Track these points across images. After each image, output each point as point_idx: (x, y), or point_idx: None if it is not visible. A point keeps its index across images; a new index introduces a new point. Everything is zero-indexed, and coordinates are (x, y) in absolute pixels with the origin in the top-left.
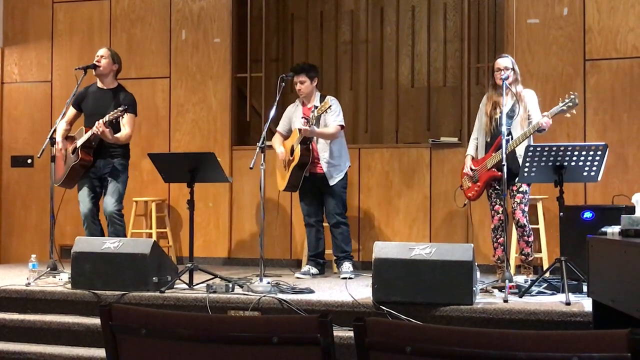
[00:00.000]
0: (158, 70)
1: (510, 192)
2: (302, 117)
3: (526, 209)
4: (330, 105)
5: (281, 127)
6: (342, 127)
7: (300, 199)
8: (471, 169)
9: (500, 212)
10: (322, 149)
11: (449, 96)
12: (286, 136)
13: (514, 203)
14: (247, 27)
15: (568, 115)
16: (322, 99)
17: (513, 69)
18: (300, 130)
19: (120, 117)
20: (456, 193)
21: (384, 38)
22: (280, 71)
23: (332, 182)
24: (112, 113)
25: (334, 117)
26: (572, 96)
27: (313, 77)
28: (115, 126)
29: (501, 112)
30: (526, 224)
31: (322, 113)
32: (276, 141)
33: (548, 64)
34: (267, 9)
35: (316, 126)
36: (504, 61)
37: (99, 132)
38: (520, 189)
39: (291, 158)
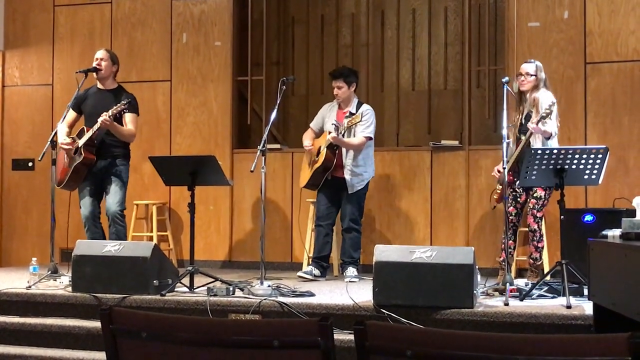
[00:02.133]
0: (159, 74)
1: (526, 197)
2: (332, 123)
3: (539, 214)
4: (360, 120)
5: (314, 125)
6: (369, 138)
7: (317, 199)
8: (498, 172)
9: (514, 215)
10: (347, 156)
11: (450, 99)
12: (318, 134)
13: (527, 207)
14: (248, 30)
15: (547, 122)
16: (359, 105)
17: (536, 75)
18: (329, 134)
19: (124, 111)
20: (491, 195)
21: (385, 41)
22: (281, 74)
23: (351, 191)
24: (116, 107)
25: (362, 128)
26: (550, 103)
27: (351, 82)
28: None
29: (521, 116)
30: (537, 229)
31: (352, 125)
32: (307, 136)
33: (549, 67)
34: (268, 13)
35: (346, 134)
36: (527, 67)
37: (106, 124)
38: (535, 195)
39: (316, 159)
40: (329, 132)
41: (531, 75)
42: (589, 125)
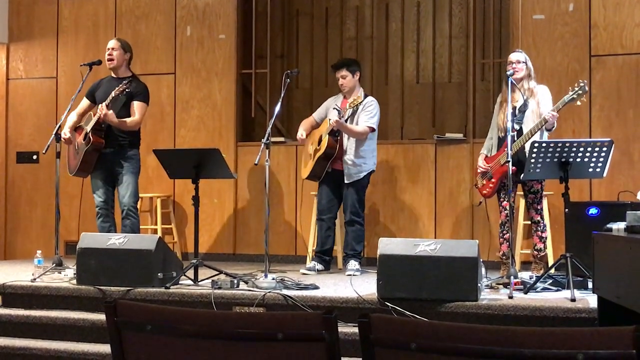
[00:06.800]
0: (163, 67)
1: (523, 191)
2: (334, 108)
3: (539, 206)
4: (362, 101)
5: (316, 114)
6: (372, 129)
7: (318, 192)
8: (483, 166)
9: (508, 209)
10: (348, 146)
11: (454, 92)
12: (318, 123)
13: (527, 203)
14: (252, 23)
15: (579, 103)
16: (364, 97)
17: (525, 63)
18: (330, 120)
19: (126, 90)
20: (477, 190)
21: (389, 34)
22: (285, 67)
23: (348, 180)
24: (115, 90)
25: (366, 118)
26: (582, 84)
27: (354, 71)
28: (125, 113)
29: (512, 108)
30: (540, 220)
31: (353, 107)
32: (304, 124)
33: (553, 60)
34: (272, 5)
35: (349, 121)
36: (516, 55)
37: (102, 116)
38: (532, 190)
39: (318, 147)
40: (330, 119)
41: (521, 62)
42: (594, 118)
